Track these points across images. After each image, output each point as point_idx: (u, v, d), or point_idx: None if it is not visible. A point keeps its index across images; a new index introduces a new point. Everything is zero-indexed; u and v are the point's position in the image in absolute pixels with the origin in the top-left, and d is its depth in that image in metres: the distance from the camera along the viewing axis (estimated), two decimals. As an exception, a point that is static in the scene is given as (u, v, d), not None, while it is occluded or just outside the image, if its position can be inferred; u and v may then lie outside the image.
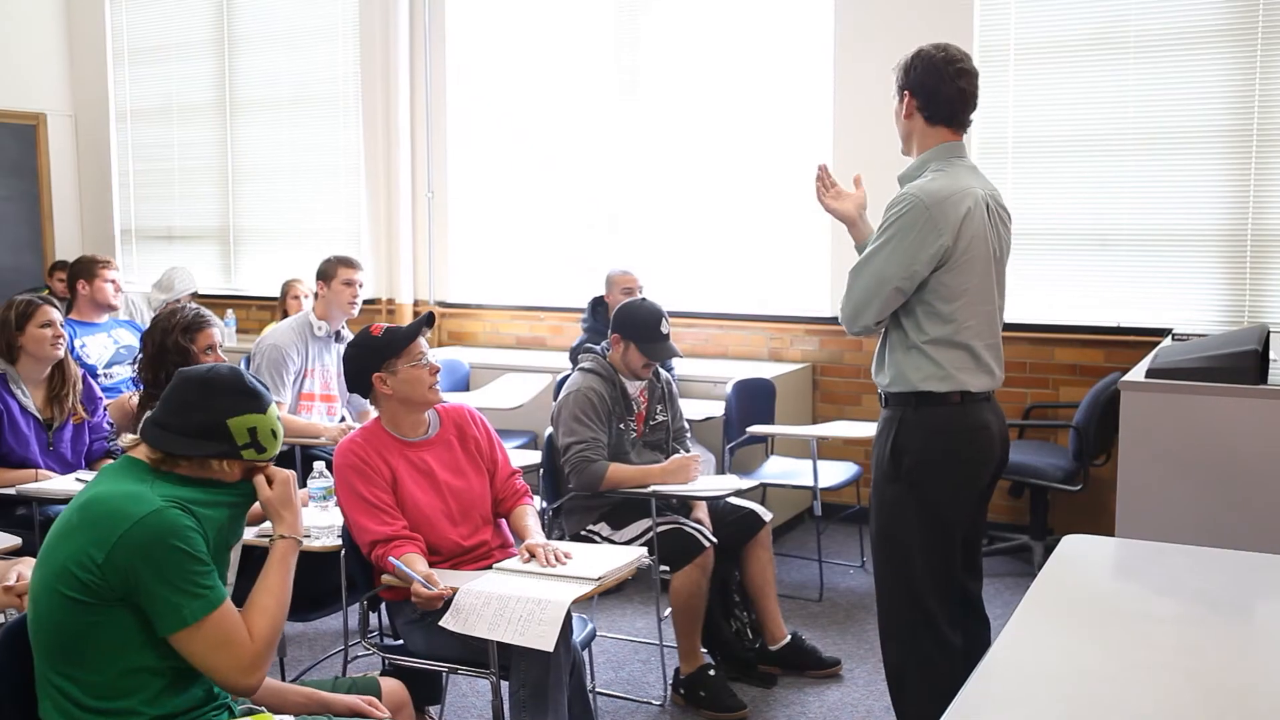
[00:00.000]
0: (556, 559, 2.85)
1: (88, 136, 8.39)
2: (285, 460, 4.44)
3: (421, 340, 3.08)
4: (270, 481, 2.20)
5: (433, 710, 3.52)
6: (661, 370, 4.08)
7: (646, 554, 3.03)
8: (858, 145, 5.58)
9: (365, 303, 7.00)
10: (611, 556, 2.94)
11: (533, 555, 2.88)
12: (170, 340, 3.45)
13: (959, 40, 5.34)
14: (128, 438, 2.18)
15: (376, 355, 3.03)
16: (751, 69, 6.08)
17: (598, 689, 3.84)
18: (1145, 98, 5.17)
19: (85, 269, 5.34)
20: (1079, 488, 4.74)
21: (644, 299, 4.16)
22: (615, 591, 4.76)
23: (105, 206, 8.38)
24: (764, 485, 5.14)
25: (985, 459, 2.88)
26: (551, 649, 2.55)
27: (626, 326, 3.86)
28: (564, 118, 6.63)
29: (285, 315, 5.99)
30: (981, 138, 5.43)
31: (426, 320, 3.15)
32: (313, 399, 4.73)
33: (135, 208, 8.32)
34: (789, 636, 3.97)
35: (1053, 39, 5.32)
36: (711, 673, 3.70)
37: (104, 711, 1.95)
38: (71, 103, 8.37)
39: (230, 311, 7.13)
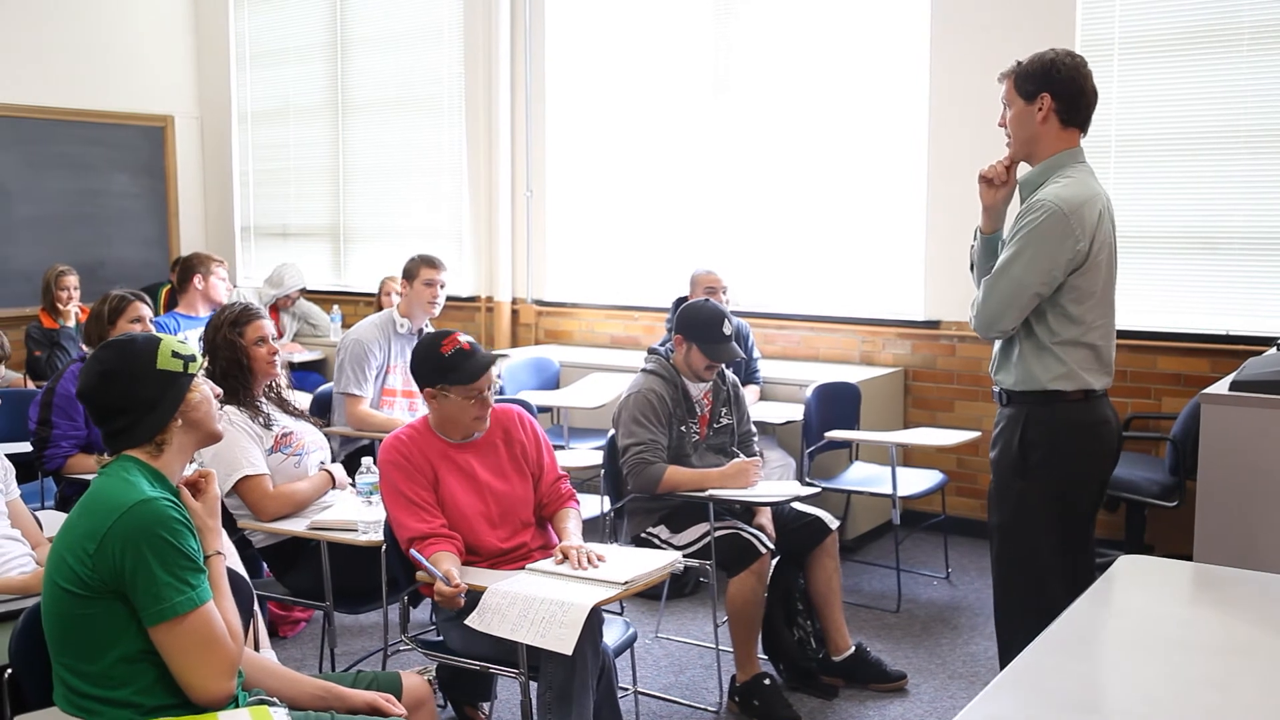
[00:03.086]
0: (589, 561, 2.83)
1: (212, 137, 8.74)
2: (364, 454, 4.52)
3: (485, 376, 3.02)
4: (199, 495, 2.20)
5: (484, 706, 3.56)
6: (728, 372, 4.02)
7: (681, 558, 2.99)
8: (954, 143, 5.40)
9: (465, 300, 7.18)
10: (644, 560, 2.90)
11: (566, 557, 2.87)
12: (220, 336, 3.52)
13: (1061, 34, 5.19)
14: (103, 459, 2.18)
15: (435, 372, 3.02)
16: (846, 67, 5.95)
17: (656, 693, 3.82)
18: (1257, 93, 4.84)
19: (203, 264, 5.60)
20: (1176, 504, 4.50)
21: (707, 299, 4.11)
22: (685, 594, 4.72)
23: (227, 205, 8.72)
24: (847, 492, 5.05)
25: (1107, 451, 3.02)
26: (570, 652, 2.52)
27: (689, 327, 3.81)
28: (661, 118, 6.61)
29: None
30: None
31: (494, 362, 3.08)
32: (394, 394, 4.81)
33: (254, 206, 8.64)
34: (853, 647, 3.86)
35: (1159, 31, 5.04)
36: (767, 682, 3.63)
37: (101, 699, 2.00)
38: (198, 105, 8.73)
39: (336, 307, 7.35)
